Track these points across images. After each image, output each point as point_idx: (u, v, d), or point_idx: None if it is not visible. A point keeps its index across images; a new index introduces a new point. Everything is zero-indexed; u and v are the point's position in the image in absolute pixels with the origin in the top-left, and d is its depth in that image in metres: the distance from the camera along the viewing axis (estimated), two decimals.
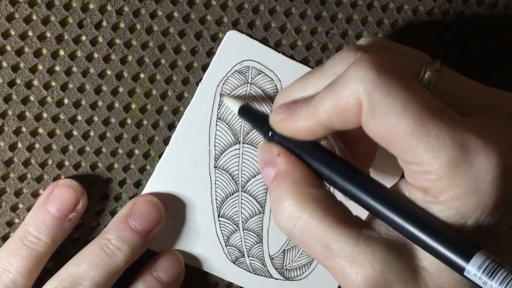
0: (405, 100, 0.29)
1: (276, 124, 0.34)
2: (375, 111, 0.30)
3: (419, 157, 0.29)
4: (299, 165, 0.34)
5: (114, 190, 0.42)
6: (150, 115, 0.41)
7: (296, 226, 0.32)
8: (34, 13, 0.39)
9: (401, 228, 0.30)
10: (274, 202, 0.33)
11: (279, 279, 0.45)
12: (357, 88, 0.30)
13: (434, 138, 0.29)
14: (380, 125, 0.30)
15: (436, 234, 0.29)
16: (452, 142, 0.29)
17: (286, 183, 0.33)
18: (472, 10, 0.44)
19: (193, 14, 0.41)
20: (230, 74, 0.42)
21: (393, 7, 0.43)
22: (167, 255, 0.42)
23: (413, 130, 0.29)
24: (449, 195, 0.30)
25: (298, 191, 0.33)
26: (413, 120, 0.29)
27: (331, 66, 0.34)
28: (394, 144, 0.30)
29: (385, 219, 0.31)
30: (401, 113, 0.29)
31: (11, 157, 0.40)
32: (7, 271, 0.39)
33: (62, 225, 0.39)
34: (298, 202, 0.32)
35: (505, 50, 0.45)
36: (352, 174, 0.33)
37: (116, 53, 0.40)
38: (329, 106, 0.31)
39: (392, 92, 0.29)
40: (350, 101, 0.30)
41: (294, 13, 0.42)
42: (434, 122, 0.29)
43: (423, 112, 0.29)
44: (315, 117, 0.32)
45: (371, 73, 0.30)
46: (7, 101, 0.39)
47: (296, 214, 0.32)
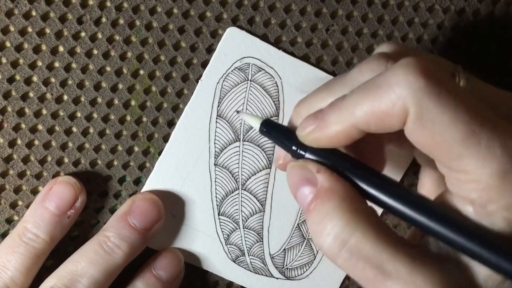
0: (456, 107, 0.28)
1: (306, 137, 0.32)
2: (423, 119, 0.28)
3: (467, 166, 0.29)
4: (343, 181, 0.31)
5: (114, 188, 0.42)
6: (150, 112, 0.41)
7: (345, 247, 0.30)
8: (33, 9, 0.39)
9: (456, 243, 0.29)
10: (317, 223, 0.31)
11: (279, 278, 0.44)
12: (404, 94, 0.28)
13: (485, 147, 0.28)
14: (427, 133, 0.29)
15: (494, 247, 0.28)
16: (504, 151, 0.28)
17: (333, 200, 0.30)
18: (473, 7, 0.44)
19: (193, 11, 0.41)
20: (230, 71, 0.42)
21: (394, 4, 0.43)
22: (167, 253, 0.42)
23: (463, 139, 0.28)
24: (499, 205, 0.29)
25: (348, 208, 0.30)
26: (463, 129, 0.28)
27: (359, 74, 0.32)
28: (442, 152, 0.29)
29: (438, 235, 0.30)
30: (452, 121, 0.28)
31: (10, 154, 0.40)
32: (6, 268, 0.38)
33: (61, 222, 0.39)
34: (348, 220, 0.30)
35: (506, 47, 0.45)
36: (395, 189, 0.31)
37: (116, 49, 0.40)
38: (368, 109, 0.29)
39: (442, 100, 0.28)
40: (396, 107, 0.29)
41: (294, 10, 0.42)
42: (485, 131, 0.28)
43: (473, 120, 0.28)
44: (349, 120, 0.30)
45: (420, 79, 0.28)
46: (7, 98, 0.39)
47: (346, 233, 0.30)
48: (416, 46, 0.43)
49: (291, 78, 0.42)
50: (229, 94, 0.42)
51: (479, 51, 0.45)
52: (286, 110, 0.42)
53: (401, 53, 0.34)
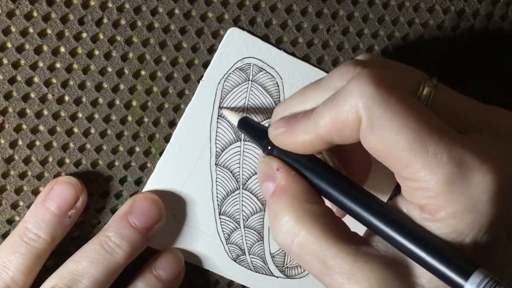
0: (404, 116, 0.29)
1: (275, 138, 0.34)
2: (373, 126, 0.30)
3: (416, 174, 0.29)
4: (298, 180, 0.34)
5: (115, 188, 0.42)
6: (151, 112, 0.41)
7: (294, 242, 0.32)
8: (34, 10, 0.38)
9: (399, 244, 0.30)
10: (273, 217, 0.33)
11: (280, 277, 0.44)
12: (356, 102, 0.30)
13: (432, 155, 0.29)
14: (379, 141, 0.30)
15: (435, 251, 0.29)
16: (450, 159, 0.29)
17: (286, 198, 0.33)
18: (473, 7, 0.44)
19: (194, 11, 0.41)
20: (231, 71, 0.42)
21: (394, 4, 0.43)
22: (167, 253, 0.42)
23: (411, 147, 0.29)
24: (447, 213, 0.30)
25: (297, 207, 0.33)
26: (411, 137, 0.29)
27: (330, 80, 0.34)
28: (392, 160, 0.30)
29: (383, 235, 0.31)
30: (399, 129, 0.29)
31: (11, 155, 0.40)
32: (7, 268, 0.38)
33: (62, 222, 0.39)
34: (297, 218, 0.32)
35: (506, 47, 0.45)
36: (351, 190, 0.33)
37: (117, 50, 0.40)
38: (329, 120, 0.31)
39: (391, 108, 0.29)
40: (350, 116, 0.30)
41: (295, 10, 0.42)
42: (432, 139, 0.29)
43: (421, 129, 0.29)
44: (315, 131, 0.32)
45: (371, 88, 0.30)
46: (8, 98, 0.39)
47: (295, 229, 0.32)
48: (417, 46, 0.44)
49: (292, 78, 0.42)
50: (230, 94, 0.42)
51: (479, 52, 0.45)
52: None
53: (371, 61, 0.35)
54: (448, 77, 0.45)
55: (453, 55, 0.44)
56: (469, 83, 0.45)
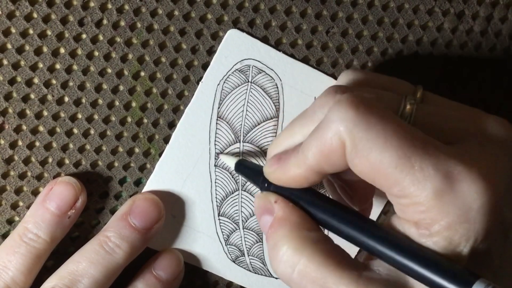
0: (386, 134, 0.30)
1: (270, 175, 0.35)
2: (357, 148, 0.30)
3: (406, 190, 0.30)
4: (296, 211, 0.34)
5: (114, 189, 0.42)
6: (151, 113, 0.41)
7: (295, 271, 0.32)
8: (34, 11, 0.39)
9: (399, 264, 0.30)
10: (272, 247, 0.33)
11: (279, 278, 0.44)
12: (338, 128, 0.30)
13: (418, 169, 0.29)
14: (364, 162, 0.30)
15: (434, 267, 0.29)
16: (436, 171, 0.29)
17: (284, 228, 0.33)
18: (472, 10, 0.44)
19: (194, 13, 0.41)
20: (231, 73, 0.42)
21: (394, 6, 0.43)
22: (167, 253, 0.42)
23: (397, 164, 0.29)
24: (440, 226, 0.30)
25: (296, 235, 0.33)
26: (396, 154, 0.29)
27: (313, 111, 0.34)
28: (380, 179, 0.30)
29: (383, 256, 0.31)
30: (383, 147, 0.29)
31: (11, 155, 0.40)
32: (7, 268, 0.39)
33: (61, 222, 0.39)
34: (296, 246, 0.32)
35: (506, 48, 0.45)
36: (347, 215, 0.33)
37: (117, 51, 0.40)
38: (315, 150, 0.31)
39: (372, 128, 0.30)
40: (334, 142, 0.31)
41: (295, 12, 0.42)
42: (417, 154, 0.29)
43: (405, 145, 0.29)
44: (305, 163, 0.32)
45: (350, 111, 0.30)
46: (8, 99, 0.39)
47: (295, 258, 0.32)
48: (416, 48, 0.44)
49: (291, 80, 0.42)
50: (230, 95, 0.42)
51: (478, 54, 0.45)
52: (286, 112, 0.42)
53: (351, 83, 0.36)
54: (448, 79, 0.45)
55: (453, 57, 0.44)
56: (468, 85, 0.45)
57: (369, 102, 0.31)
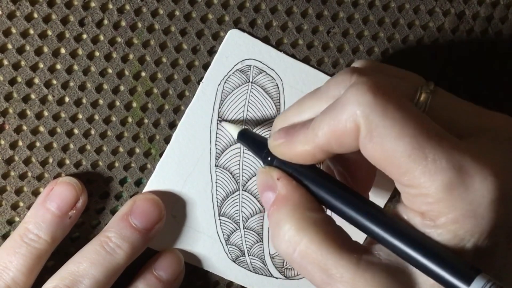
0: (403, 122, 0.29)
1: (275, 148, 0.34)
2: (372, 134, 0.30)
3: (416, 180, 0.29)
4: (299, 189, 0.34)
5: (115, 189, 0.42)
6: (151, 113, 0.41)
7: (296, 251, 0.32)
8: (35, 11, 0.39)
9: (401, 251, 0.30)
10: (274, 226, 0.33)
11: (279, 278, 0.45)
12: (354, 111, 0.30)
13: (431, 161, 0.29)
14: (378, 148, 0.30)
15: (437, 257, 0.29)
16: (449, 165, 0.29)
17: (287, 206, 0.33)
18: (473, 10, 0.44)
19: (195, 13, 0.41)
20: (232, 73, 0.42)
21: (394, 6, 0.43)
22: (167, 253, 0.42)
23: (410, 153, 0.29)
24: (447, 218, 0.30)
25: (299, 215, 0.32)
26: (410, 143, 0.29)
27: (327, 89, 0.34)
28: (391, 167, 0.30)
29: (385, 242, 0.31)
30: (398, 136, 0.29)
31: (11, 156, 0.40)
32: (8, 269, 0.39)
33: (62, 223, 0.39)
34: (298, 226, 0.32)
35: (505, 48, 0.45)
36: (352, 198, 0.33)
37: (117, 51, 0.40)
38: (327, 129, 0.31)
39: (389, 115, 0.29)
40: (348, 125, 0.30)
41: (295, 12, 0.42)
42: (431, 145, 0.29)
43: (420, 135, 0.29)
44: (314, 141, 0.32)
45: (369, 96, 0.30)
46: (8, 99, 0.39)
47: (296, 238, 0.32)
48: (417, 48, 0.44)
49: (292, 80, 0.42)
50: (230, 96, 0.42)
51: (478, 54, 0.45)
52: None
53: (368, 68, 0.35)
54: (448, 79, 0.45)
55: (453, 57, 0.44)
56: (469, 85, 0.45)
57: (387, 88, 0.30)
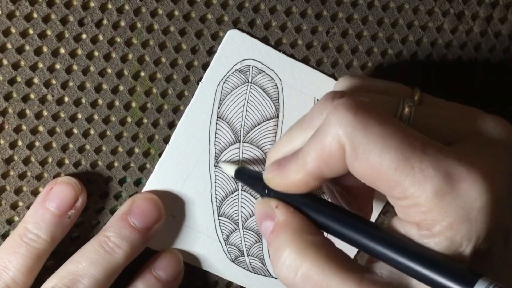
0: (385, 136, 0.30)
1: (270, 181, 0.35)
2: (357, 152, 0.30)
3: (406, 191, 0.30)
4: (297, 215, 0.34)
5: (114, 189, 0.42)
6: (150, 113, 0.41)
7: (297, 275, 0.32)
8: (34, 11, 0.39)
9: (402, 266, 0.30)
10: (274, 252, 0.33)
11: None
12: (337, 132, 0.30)
13: (418, 170, 0.29)
14: (364, 165, 0.30)
15: (437, 267, 0.29)
16: (436, 172, 0.29)
17: (286, 232, 0.33)
18: (472, 10, 0.44)
19: (194, 13, 0.41)
20: (231, 73, 0.42)
21: (394, 7, 0.43)
22: (166, 253, 0.42)
23: (397, 166, 0.29)
24: (442, 226, 0.30)
25: (299, 239, 0.32)
26: (395, 156, 0.29)
27: (311, 118, 0.34)
28: (381, 182, 0.30)
29: (385, 259, 0.31)
30: (382, 150, 0.29)
31: (11, 155, 0.40)
32: (7, 268, 0.39)
33: (62, 222, 0.39)
34: (299, 250, 0.32)
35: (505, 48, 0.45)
36: (348, 218, 0.33)
37: (117, 51, 0.40)
38: (315, 155, 0.31)
39: (371, 131, 0.30)
40: (333, 146, 0.31)
41: (295, 12, 0.42)
42: (416, 155, 0.29)
43: (404, 146, 0.29)
44: (304, 169, 0.32)
45: (349, 115, 0.30)
46: (8, 99, 0.39)
47: (297, 262, 0.32)
48: (416, 48, 0.44)
49: (291, 80, 0.42)
50: (230, 96, 0.42)
51: (478, 54, 0.45)
52: (286, 112, 0.43)
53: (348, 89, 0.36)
54: (447, 79, 0.45)
55: (453, 58, 0.44)
56: (468, 85, 0.45)
57: (367, 105, 0.31)
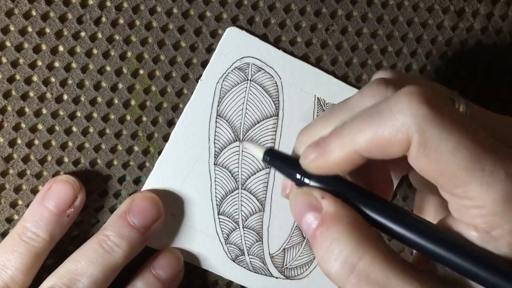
0: (460, 135, 0.28)
1: (309, 165, 0.32)
2: (427, 147, 0.28)
3: (472, 192, 0.28)
4: (348, 206, 0.31)
5: (114, 187, 0.42)
6: (150, 111, 0.41)
7: (354, 271, 0.29)
8: (33, 9, 0.39)
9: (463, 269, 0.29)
10: (326, 246, 0.30)
11: (279, 278, 0.44)
12: (408, 122, 0.28)
13: (489, 173, 0.28)
14: (432, 161, 0.29)
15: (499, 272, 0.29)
16: (507, 177, 0.28)
17: (340, 224, 0.30)
18: (473, 7, 0.44)
19: (193, 10, 0.41)
20: (230, 71, 0.42)
21: (393, 4, 0.43)
22: (166, 252, 0.42)
23: (468, 166, 0.28)
24: (504, 231, 0.29)
25: (356, 232, 0.30)
26: (468, 156, 0.28)
27: (360, 100, 0.32)
28: (445, 179, 0.29)
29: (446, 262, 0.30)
30: (456, 149, 0.28)
31: (10, 153, 0.40)
32: (6, 267, 0.38)
33: (60, 221, 0.39)
34: (357, 244, 0.30)
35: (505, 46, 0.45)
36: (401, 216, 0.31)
37: (116, 49, 0.40)
38: (369, 136, 0.29)
39: (446, 128, 0.28)
40: (399, 135, 0.28)
41: (294, 10, 0.42)
42: (487, 157, 0.28)
43: (477, 147, 0.28)
44: (351, 146, 0.30)
45: (424, 107, 0.28)
46: (7, 97, 0.39)
47: (354, 258, 0.29)
48: (416, 46, 0.44)
49: (290, 77, 0.42)
50: (229, 93, 0.42)
51: (478, 51, 0.45)
52: (286, 109, 0.42)
53: (400, 79, 0.33)
54: (448, 78, 0.45)
55: (453, 55, 0.44)
56: (469, 83, 0.45)
57: (439, 99, 0.29)
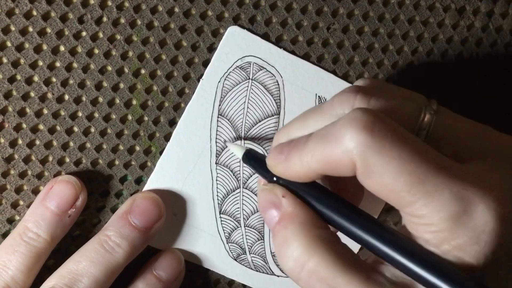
0: (400, 159, 0.29)
1: (273, 168, 0.34)
2: (369, 172, 0.29)
3: (419, 211, 0.29)
4: (305, 207, 0.33)
5: (115, 187, 0.42)
6: (151, 111, 0.41)
7: (304, 269, 0.31)
8: (34, 9, 0.38)
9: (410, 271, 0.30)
10: (281, 243, 0.32)
11: (280, 276, 0.44)
12: (349, 147, 0.29)
13: (432, 193, 0.29)
14: (376, 183, 0.30)
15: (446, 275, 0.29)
16: (451, 195, 0.29)
17: (294, 224, 0.32)
18: (473, 5, 0.44)
19: (194, 10, 0.41)
20: (232, 70, 0.41)
21: (394, 2, 0.43)
22: (167, 253, 0.42)
23: (410, 188, 0.29)
24: (451, 246, 0.29)
25: (307, 233, 0.32)
26: (409, 178, 0.29)
27: (330, 107, 0.33)
28: (392, 199, 0.30)
29: (394, 263, 0.31)
30: (397, 172, 0.29)
31: (11, 154, 0.40)
32: (7, 267, 0.38)
33: (62, 221, 0.39)
34: (307, 244, 0.31)
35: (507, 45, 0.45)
36: (360, 218, 0.32)
37: (117, 48, 0.40)
38: (321, 158, 0.31)
39: (386, 153, 0.29)
40: (343, 159, 0.30)
41: (295, 8, 0.42)
42: (431, 177, 0.29)
43: (419, 168, 0.29)
44: (308, 164, 0.31)
45: (364, 133, 0.29)
46: (8, 97, 0.39)
47: (305, 256, 0.31)
48: (417, 44, 0.44)
49: (292, 76, 0.42)
50: (231, 93, 0.42)
51: (479, 49, 0.45)
52: (287, 108, 0.42)
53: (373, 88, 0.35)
54: (448, 75, 0.45)
55: (454, 53, 0.44)
56: (469, 82, 0.45)
57: (384, 121, 0.30)
